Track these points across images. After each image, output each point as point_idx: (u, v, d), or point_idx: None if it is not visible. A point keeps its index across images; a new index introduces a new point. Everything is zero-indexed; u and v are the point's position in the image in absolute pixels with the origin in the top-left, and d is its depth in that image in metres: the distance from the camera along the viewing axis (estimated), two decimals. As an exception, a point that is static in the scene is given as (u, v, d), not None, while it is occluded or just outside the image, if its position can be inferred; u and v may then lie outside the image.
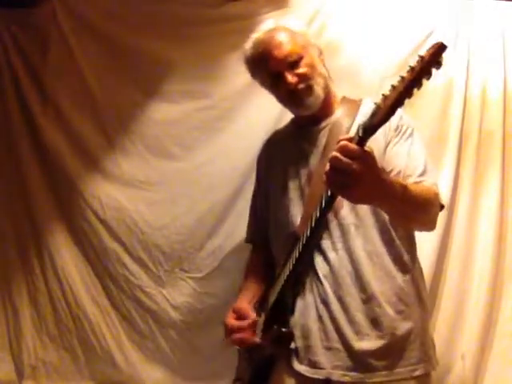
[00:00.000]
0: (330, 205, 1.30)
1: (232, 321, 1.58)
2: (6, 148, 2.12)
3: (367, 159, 1.10)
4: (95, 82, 2.09)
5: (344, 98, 1.59)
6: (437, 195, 1.40)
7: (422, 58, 1.02)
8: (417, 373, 1.40)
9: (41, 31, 2.09)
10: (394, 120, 1.42)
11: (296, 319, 1.45)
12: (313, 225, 1.35)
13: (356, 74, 1.95)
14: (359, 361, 1.38)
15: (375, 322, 1.39)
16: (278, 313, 1.48)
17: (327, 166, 1.10)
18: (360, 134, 1.09)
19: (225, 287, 2.01)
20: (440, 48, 1.01)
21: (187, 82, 2.07)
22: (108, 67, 2.09)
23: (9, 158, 2.12)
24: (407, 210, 1.30)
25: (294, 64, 1.46)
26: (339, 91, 1.61)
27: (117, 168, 2.09)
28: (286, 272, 1.44)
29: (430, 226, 1.44)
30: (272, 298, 1.51)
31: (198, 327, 2.03)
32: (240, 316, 1.58)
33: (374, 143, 1.41)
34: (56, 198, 2.10)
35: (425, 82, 0.97)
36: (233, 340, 1.56)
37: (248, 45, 1.53)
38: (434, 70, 1.02)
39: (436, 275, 1.91)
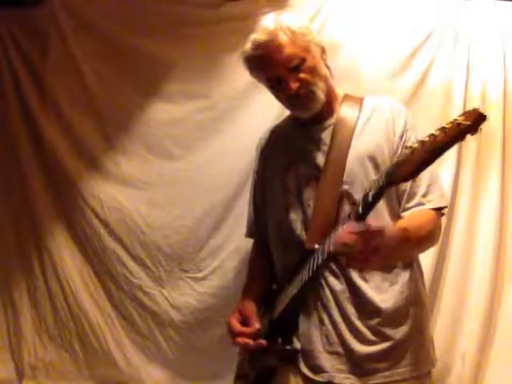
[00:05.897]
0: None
1: (236, 324, 1.56)
2: (6, 148, 2.12)
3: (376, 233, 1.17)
4: (95, 82, 2.09)
5: (346, 96, 1.55)
6: (435, 221, 1.42)
7: (458, 124, 0.96)
8: (418, 372, 1.41)
9: (41, 31, 2.09)
10: (399, 124, 1.45)
11: (299, 324, 1.44)
12: (325, 257, 1.32)
13: (356, 74, 1.95)
14: (360, 364, 1.38)
15: (374, 327, 1.39)
16: (282, 323, 1.48)
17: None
18: (382, 183, 1.11)
19: (225, 287, 2.01)
20: (478, 119, 0.95)
21: (187, 83, 2.07)
22: (108, 67, 2.09)
23: (9, 157, 2.12)
24: (408, 252, 1.41)
25: (294, 68, 1.40)
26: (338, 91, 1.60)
27: (117, 168, 2.09)
28: (295, 289, 1.41)
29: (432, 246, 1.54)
30: (277, 310, 1.50)
31: (198, 327, 2.03)
32: (244, 320, 1.56)
33: (375, 147, 1.43)
34: (56, 198, 2.10)
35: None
36: (236, 343, 1.55)
37: (247, 46, 1.45)
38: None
39: (436, 275, 1.91)
